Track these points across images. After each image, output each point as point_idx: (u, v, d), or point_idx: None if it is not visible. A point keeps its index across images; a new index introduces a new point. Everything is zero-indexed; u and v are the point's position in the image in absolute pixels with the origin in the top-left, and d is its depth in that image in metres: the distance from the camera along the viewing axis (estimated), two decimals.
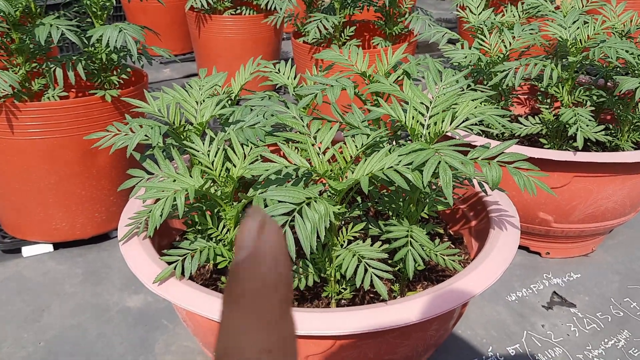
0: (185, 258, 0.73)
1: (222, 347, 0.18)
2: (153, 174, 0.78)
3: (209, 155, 0.75)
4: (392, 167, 0.63)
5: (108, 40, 1.04)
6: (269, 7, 1.89)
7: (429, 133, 0.71)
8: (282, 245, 0.19)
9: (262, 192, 0.65)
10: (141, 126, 0.77)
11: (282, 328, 0.18)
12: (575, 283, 1.24)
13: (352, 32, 1.88)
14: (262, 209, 0.20)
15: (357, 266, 0.68)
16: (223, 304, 0.19)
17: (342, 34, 1.89)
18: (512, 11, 1.36)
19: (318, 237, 0.59)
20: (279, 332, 0.18)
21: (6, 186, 1.23)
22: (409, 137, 0.75)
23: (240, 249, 0.19)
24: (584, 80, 1.49)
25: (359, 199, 0.88)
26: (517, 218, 0.85)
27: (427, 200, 0.79)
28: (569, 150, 1.13)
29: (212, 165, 0.74)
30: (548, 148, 1.23)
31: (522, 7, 1.37)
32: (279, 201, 0.60)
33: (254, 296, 0.18)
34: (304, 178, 0.70)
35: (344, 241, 0.74)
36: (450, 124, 0.70)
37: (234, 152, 0.74)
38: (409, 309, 0.65)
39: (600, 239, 1.34)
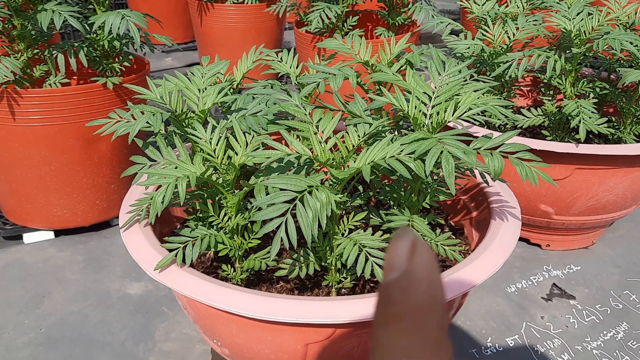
0: (186, 245, 0.73)
1: None
2: (155, 161, 0.78)
3: (211, 142, 0.75)
4: (394, 156, 0.63)
5: (110, 27, 1.04)
6: None
7: (431, 123, 0.71)
8: (436, 267, 0.19)
9: (263, 180, 0.65)
10: (143, 113, 0.76)
11: (443, 351, 0.18)
12: (575, 275, 1.25)
13: (354, 22, 1.87)
14: (412, 230, 0.20)
15: (358, 255, 0.68)
16: (378, 324, 0.18)
17: (345, 24, 1.88)
18: (516, 2, 1.35)
19: (319, 225, 0.59)
20: (440, 356, 0.18)
21: (7, 173, 1.23)
22: (411, 127, 0.75)
23: (392, 270, 0.19)
24: (587, 72, 1.48)
25: (360, 188, 0.88)
26: (518, 209, 0.85)
27: (429, 190, 0.79)
28: (571, 142, 1.13)
29: (214, 152, 0.74)
30: (550, 140, 1.23)
31: None
32: (281, 189, 0.60)
33: (415, 318, 0.18)
34: (306, 166, 0.70)
35: (345, 230, 0.74)
36: (453, 114, 0.70)
37: (236, 139, 0.74)
38: None
39: (600, 232, 1.34)
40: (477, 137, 0.72)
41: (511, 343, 1.05)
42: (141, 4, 2.78)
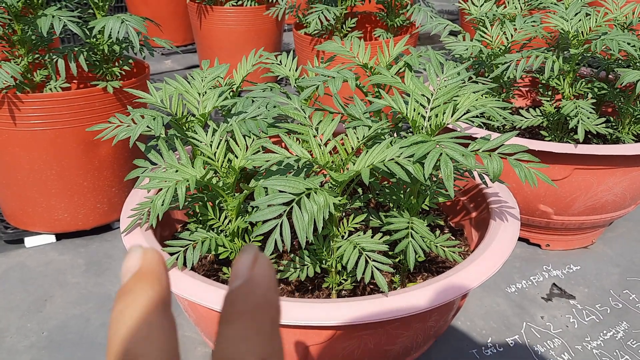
0: (187, 249, 0.73)
1: (221, 353, 0.21)
2: (157, 164, 0.78)
3: (211, 146, 0.75)
4: (393, 159, 0.63)
5: (110, 32, 1.04)
6: None
7: (430, 125, 0.71)
8: (273, 275, 0.23)
9: (263, 182, 0.66)
10: (143, 117, 0.77)
11: (275, 342, 0.22)
12: (575, 275, 1.25)
13: (353, 23, 1.88)
14: (254, 246, 0.24)
15: (358, 259, 0.69)
16: (222, 322, 0.22)
17: (344, 26, 1.88)
18: (514, 3, 1.36)
19: (315, 228, 0.60)
20: (273, 345, 0.22)
21: (8, 177, 1.23)
22: (410, 129, 0.76)
23: (236, 278, 0.22)
24: (585, 73, 1.49)
25: (360, 190, 0.88)
26: (517, 210, 0.86)
27: (428, 192, 0.79)
28: (569, 142, 1.13)
29: (214, 156, 0.74)
30: (549, 140, 1.23)
31: None
32: (280, 191, 0.60)
33: (252, 314, 0.21)
34: (305, 169, 0.70)
35: (345, 232, 0.75)
36: (452, 116, 0.70)
37: (236, 143, 0.75)
38: (408, 300, 0.66)
39: (600, 232, 1.35)
40: (476, 138, 0.72)
41: (511, 343, 1.05)
42: (141, 7, 2.78)
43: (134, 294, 0.22)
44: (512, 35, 1.21)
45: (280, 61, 0.99)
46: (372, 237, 0.72)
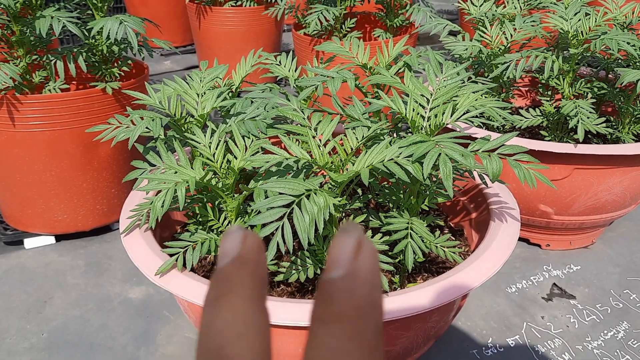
0: (186, 250, 0.73)
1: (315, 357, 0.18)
2: (155, 165, 0.78)
3: (210, 147, 0.75)
4: (392, 159, 0.63)
5: (109, 33, 1.04)
6: None
7: (429, 125, 0.71)
8: (379, 270, 0.19)
9: (262, 184, 0.66)
10: (142, 118, 0.77)
11: (377, 357, 0.18)
12: (575, 275, 1.25)
13: (353, 24, 1.87)
14: (358, 225, 0.20)
15: None
16: (318, 320, 0.18)
17: (343, 26, 1.88)
18: (513, 3, 1.36)
19: (317, 229, 0.59)
20: (375, 358, 0.18)
21: (8, 178, 1.23)
22: (410, 129, 0.76)
23: (336, 267, 0.18)
24: (585, 72, 1.49)
25: (359, 191, 0.88)
26: (517, 210, 0.86)
27: (428, 192, 0.79)
28: (569, 142, 1.13)
29: (214, 157, 0.74)
30: (549, 140, 1.23)
31: None
32: (280, 193, 0.60)
33: (355, 320, 0.18)
34: (305, 170, 0.70)
35: None
36: (451, 116, 0.70)
37: (235, 144, 0.75)
38: (409, 301, 0.66)
39: (600, 231, 1.34)
40: (475, 138, 0.72)
41: (512, 343, 1.05)
42: (140, 7, 2.78)
43: (230, 282, 0.19)
44: (511, 35, 1.21)
45: (280, 61, 0.99)
46: (371, 237, 0.72)
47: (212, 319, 0.19)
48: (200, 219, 0.81)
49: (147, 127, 0.75)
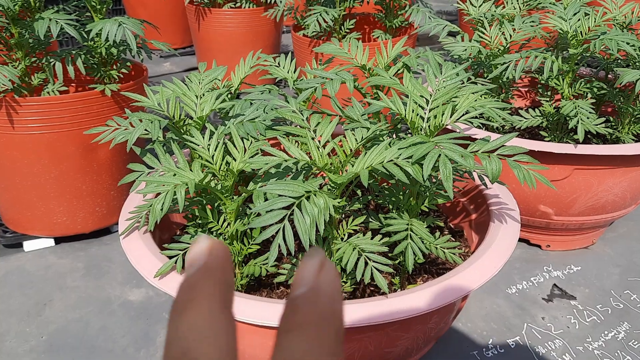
0: (185, 252, 0.73)
1: None
2: (153, 168, 0.78)
3: (209, 149, 0.75)
4: (392, 160, 0.63)
5: (107, 35, 1.04)
6: (268, 0, 1.89)
7: (429, 126, 0.71)
8: (339, 283, 0.21)
9: (262, 186, 0.66)
10: (141, 120, 0.77)
11: (338, 356, 0.20)
12: (576, 275, 1.25)
13: (352, 25, 1.87)
14: (321, 250, 0.22)
15: (358, 260, 0.68)
16: (282, 331, 0.20)
17: (342, 27, 1.88)
18: (512, 3, 1.36)
19: (318, 230, 0.59)
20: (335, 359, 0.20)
21: (7, 181, 1.23)
22: (409, 131, 0.75)
23: (301, 284, 0.21)
24: (584, 73, 1.49)
25: (359, 192, 0.88)
26: (517, 211, 0.85)
27: (427, 193, 0.79)
28: (569, 142, 1.13)
29: (212, 159, 0.74)
30: (549, 141, 1.23)
31: None
32: (279, 195, 0.60)
33: (317, 325, 0.20)
34: (304, 171, 0.70)
35: (344, 234, 0.74)
36: (451, 117, 0.70)
37: (234, 146, 0.74)
38: (408, 302, 0.66)
39: (600, 232, 1.34)
40: (475, 139, 0.72)
41: (512, 344, 1.05)
42: (139, 9, 2.78)
43: (197, 289, 0.20)
44: (510, 36, 1.21)
45: (279, 63, 0.99)
46: (371, 238, 0.72)
47: (177, 325, 0.20)
48: (199, 221, 0.81)
49: (145, 129, 0.75)
